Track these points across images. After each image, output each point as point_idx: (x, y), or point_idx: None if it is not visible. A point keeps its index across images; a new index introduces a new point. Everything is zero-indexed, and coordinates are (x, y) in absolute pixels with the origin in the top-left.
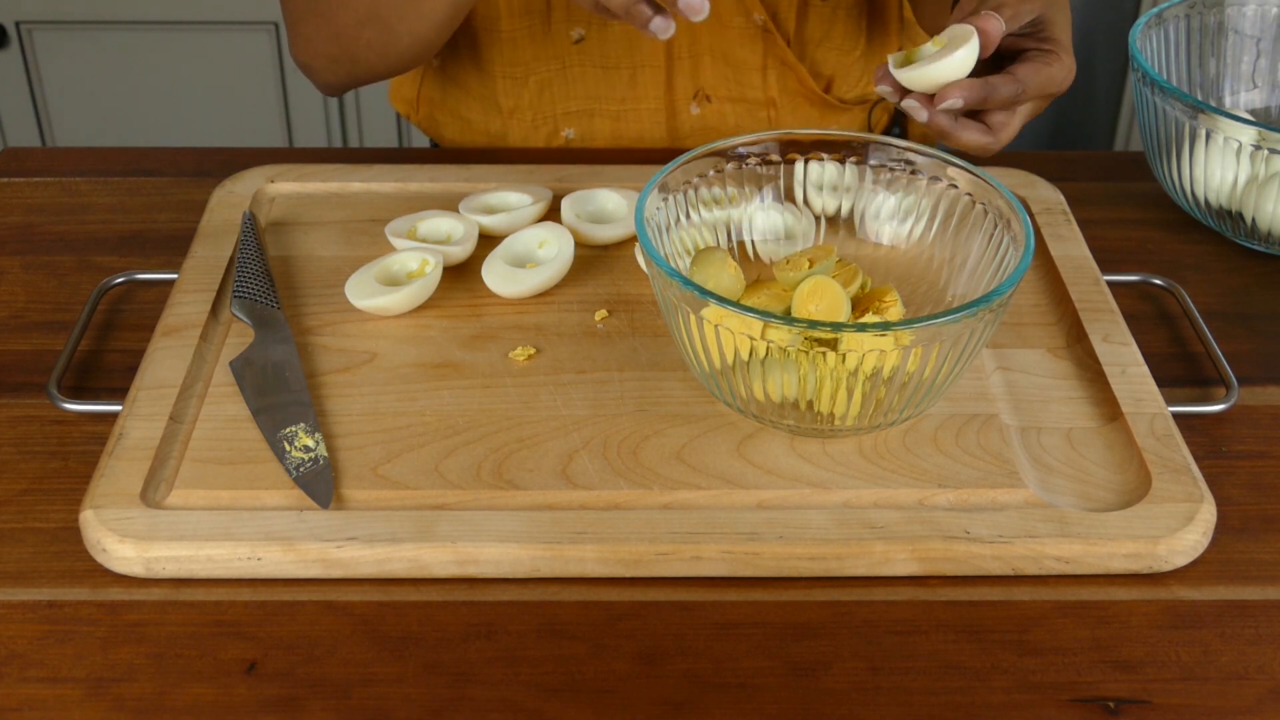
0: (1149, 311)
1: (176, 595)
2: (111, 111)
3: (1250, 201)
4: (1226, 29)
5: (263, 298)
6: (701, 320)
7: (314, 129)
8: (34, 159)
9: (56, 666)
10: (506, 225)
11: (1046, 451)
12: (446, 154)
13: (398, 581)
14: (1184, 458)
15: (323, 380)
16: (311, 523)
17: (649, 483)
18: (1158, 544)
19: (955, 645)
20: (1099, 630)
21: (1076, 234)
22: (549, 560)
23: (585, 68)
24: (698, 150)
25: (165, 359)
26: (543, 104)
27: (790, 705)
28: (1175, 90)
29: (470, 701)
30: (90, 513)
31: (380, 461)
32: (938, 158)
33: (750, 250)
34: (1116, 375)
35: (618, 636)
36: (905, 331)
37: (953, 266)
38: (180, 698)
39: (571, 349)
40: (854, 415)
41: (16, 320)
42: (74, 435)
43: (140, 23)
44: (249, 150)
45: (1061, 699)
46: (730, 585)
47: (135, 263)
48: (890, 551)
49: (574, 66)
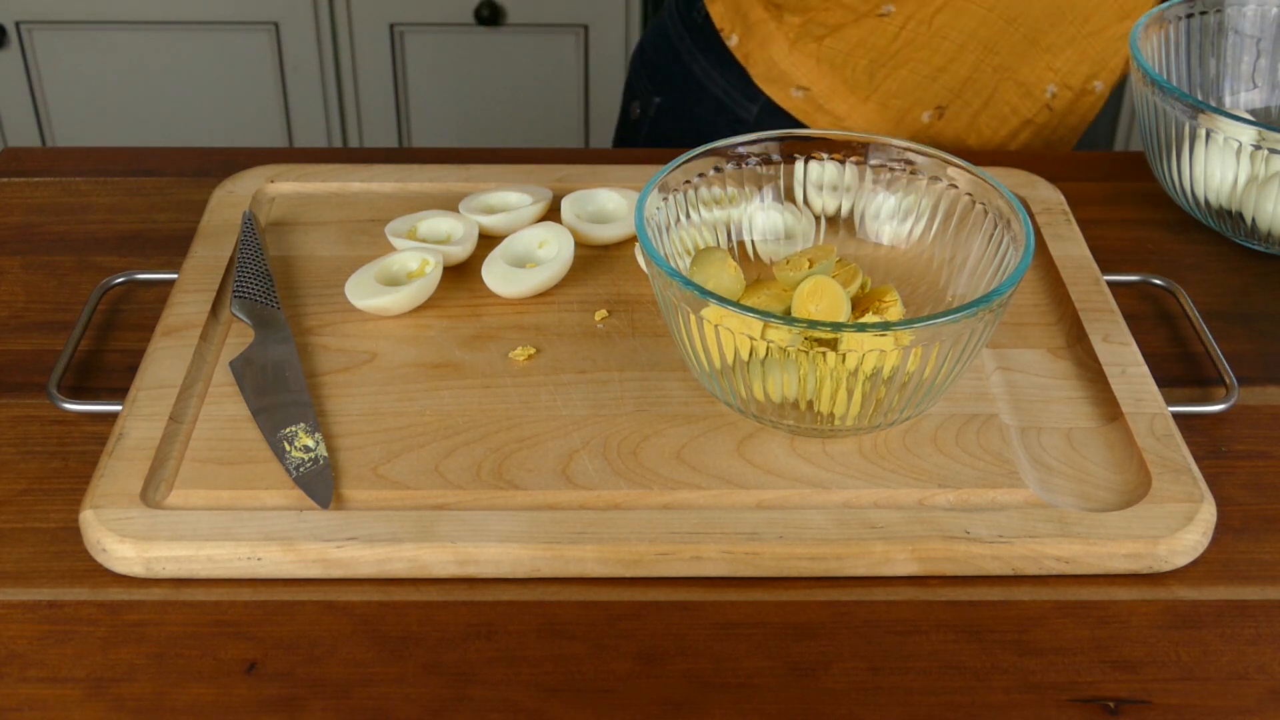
0: (1149, 311)
1: (176, 595)
2: (111, 111)
3: (1250, 201)
4: (1226, 29)
5: (263, 298)
6: (701, 320)
7: (314, 129)
8: (34, 159)
9: (56, 666)
10: (506, 225)
11: (1046, 451)
12: (446, 154)
13: (398, 581)
14: (1184, 458)
15: (323, 380)
16: (311, 523)
17: (649, 483)
18: (1158, 544)
19: (955, 645)
20: (1099, 630)
21: (1076, 234)
22: (549, 560)
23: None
24: (698, 150)
25: (165, 359)
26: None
27: (790, 705)
28: (1175, 90)
29: (470, 701)
30: (90, 513)
31: (380, 461)
32: (938, 158)
33: (750, 250)
34: (1116, 375)
35: (618, 636)
36: (905, 331)
37: (953, 266)
38: (180, 698)
39: (571, 349)
40: (854, 415)
41: (16, 320)
42: (74, 435)
43: (140, 23)
44: (249, 150)
45: (1061, 699)
46: (730, 585)
47: (135, 263)
48: (890, 551)
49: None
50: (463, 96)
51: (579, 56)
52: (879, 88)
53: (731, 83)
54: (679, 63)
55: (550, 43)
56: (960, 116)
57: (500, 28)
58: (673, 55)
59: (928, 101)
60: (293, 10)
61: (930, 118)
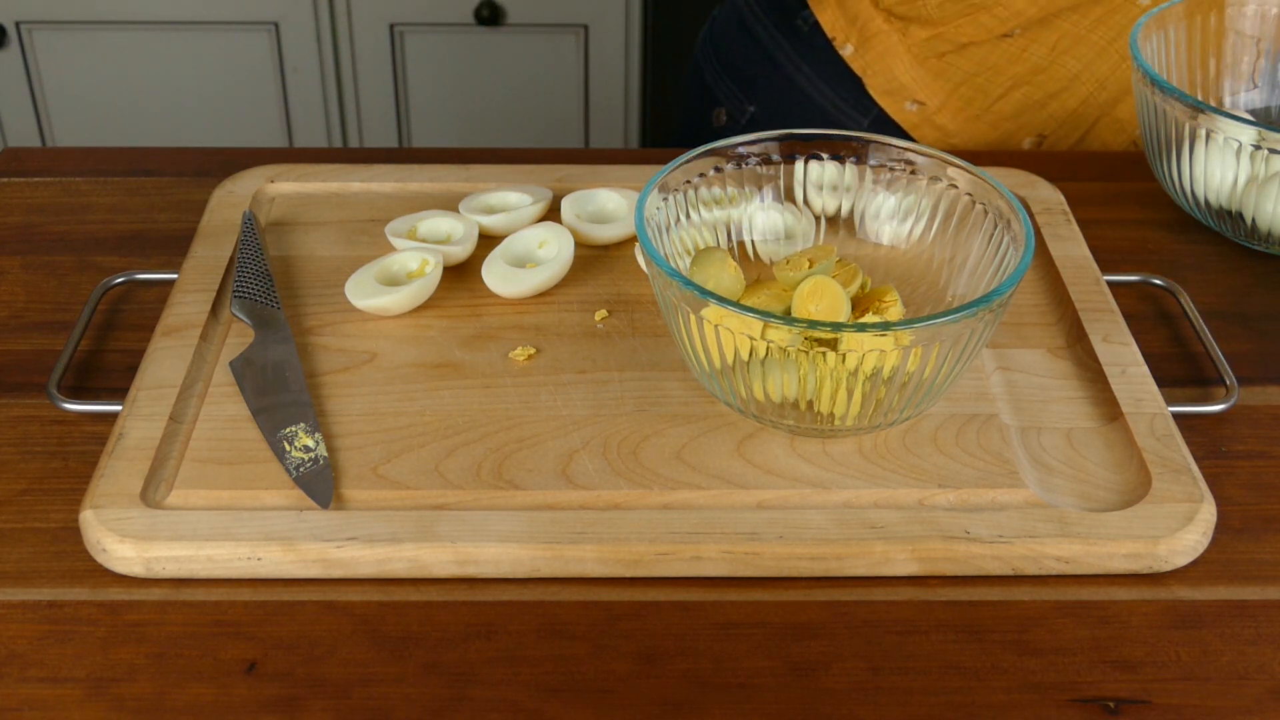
0: (1149, 311)
1: (176, 595)
2: (111, 111)
3: (1250, 201)
4: (1226, 29)
5: (263, 298)
6: (701, 320)
7: (314, 129)
8: (34, 159)
9: (56, 666)
10: (506, 225)
11: (1046, 451)
12: (446, 154)
13: (398, 581)
14: (1184, 458)
15: (323, 380)
16: (311, 523)
17: (649, 483)
18: (1158, 544)
19: (955, 645)
20: (1099, 630)
21: (1076, 234)
22: (549, 560)
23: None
24: (698, 150)
25: (165, 359)
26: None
27: (790, 705)
28: (1175, 90)
29: (470, 701)
30: (90, 513)
31: (380, 461)
32: (938, 158)
33: (750, 250)
34: (1116, 375)
35: (618, 636)
36: (905, 331)
37: (953, 266)
38: (180, 698)
39: (571, 349)
40: (854, 415)
41: (16, 320)
42: (74, 435)
43: (140, 23)
44: (249, 150)
45: (1061, 699)
46: (730, 585)
47: (135, 263)
48: (890, 551)
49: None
50: (463, 96)
51: (579, 56)
52: (991, 107)
53: (842, 94)
54: (778, 71)
55: (550, 43)
56: (1058, 147)
57: (500, 28)
58: (768, 62)
59: (1032, 128)
60: (293, 10)
61: (1030, 144)
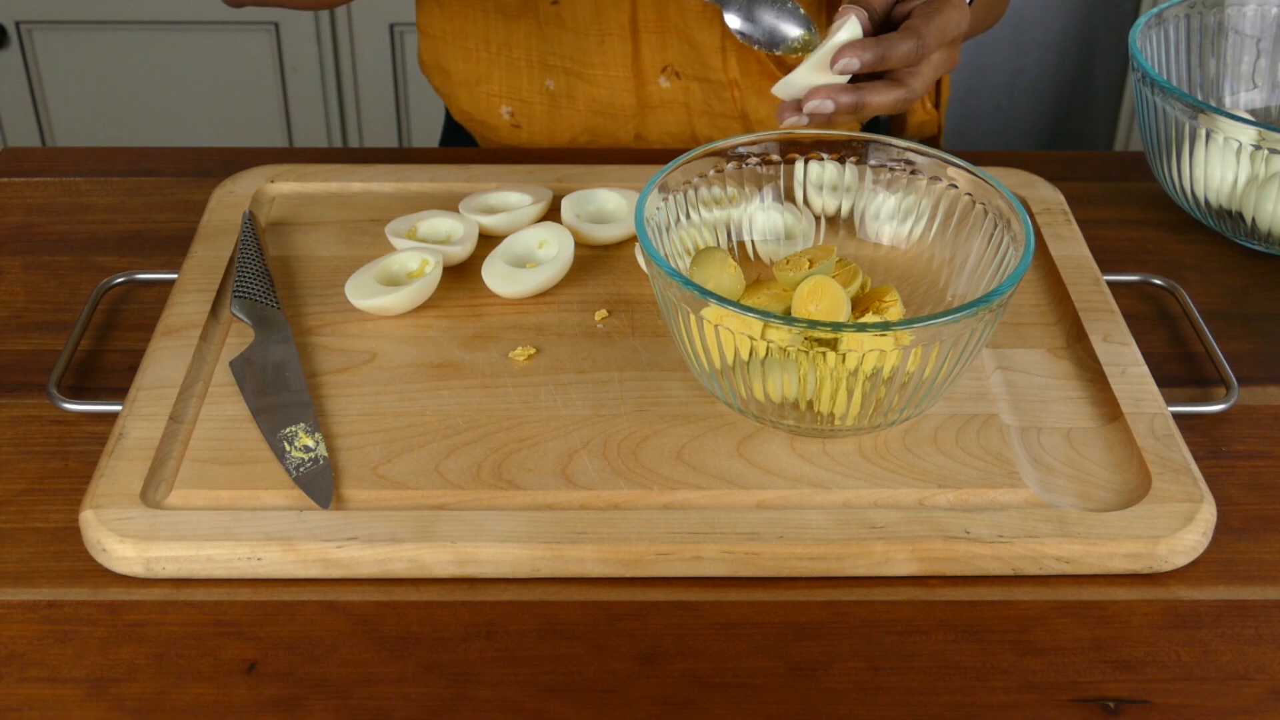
0: (1149, 311)
1: (176, 595)
2: (111, 111)
3: (1250, 201)
4: (1226, 29)
5: (263, 298)
6: (701, 320)
7: (314, 129)
8: (34, 159)
9: (56, 666)
10: (506, 225)
11: (1046, 451)
12: (447, 154)
13: (398, 581)
14: (1184, 458)
15: (323, 380)
16: (311, 523)
17: (649, 483)
18: (1158, 544)
19: (955, 645)
20: (1099, 630)
21: (1076, 234)
22: (549, 560)
23: (559, 29)
24: (698, 150)
25: (165, 359)
26: (530, 49)
27: (790, 705)
28: (1175, 90)
29: (470, 701)
30: (90, 513)
31: (380, 461)
32: (938, 158)
33: (750, 250)
34: (1116, 375)
35: (618, 636)
36: (905, 331)
37: (953, 266)
38: (180, 698)
39: (571, 349)
40: (854, 415)
41: (16, 320)
42: (74, 435)
43: (140, 23)
44: (249, 150)
45: (1061, 699)
46: (730, 585)
47: (135, 263)
48: (890, 551)
49: (550, 25)
50: None
51: None
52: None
53: None
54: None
55: None
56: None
57: None
58: None
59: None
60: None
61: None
